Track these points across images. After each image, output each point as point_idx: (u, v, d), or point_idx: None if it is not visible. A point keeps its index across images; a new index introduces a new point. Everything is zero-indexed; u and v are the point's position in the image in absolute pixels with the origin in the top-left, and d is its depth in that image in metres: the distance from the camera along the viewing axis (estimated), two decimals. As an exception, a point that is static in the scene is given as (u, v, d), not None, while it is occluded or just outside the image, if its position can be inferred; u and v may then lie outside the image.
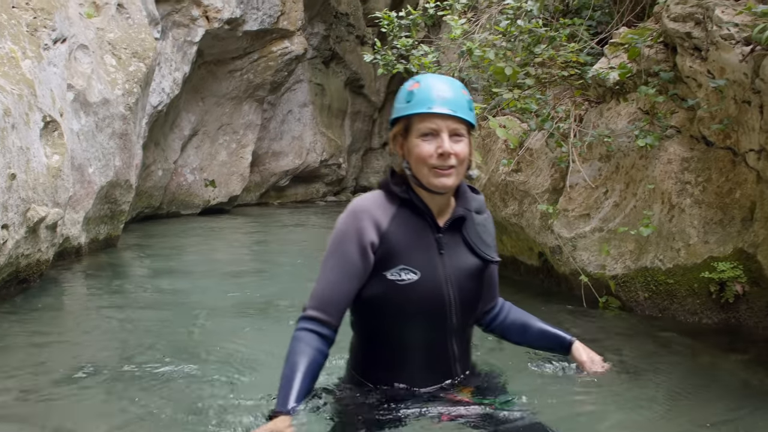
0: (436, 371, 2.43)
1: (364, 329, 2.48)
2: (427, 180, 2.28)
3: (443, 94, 2.27)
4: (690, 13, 4.70)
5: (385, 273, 2.30)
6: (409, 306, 2.31)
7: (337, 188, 18.83)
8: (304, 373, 2.21)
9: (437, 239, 2.35)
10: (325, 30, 17.59)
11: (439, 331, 2.38)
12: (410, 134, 2.31)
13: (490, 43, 5.42)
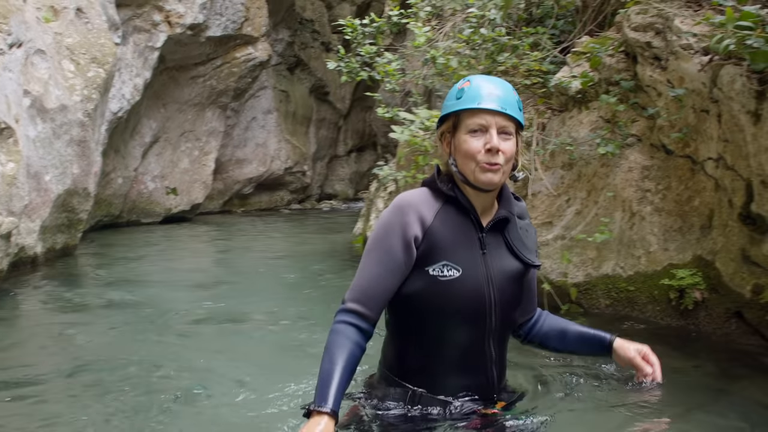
0: (473, 372, 2.41)
1: (401, 327, 2.46)
2: (473, 176, 2.30)
3: (493, 91, 2.32)
4: (650, 23, 4.80)
5: (427, 268, 2.31)
6: (450, 303, 2.31)
7: (302, 196, 18.77)
8: (344, 368, 2.20)
9: (480, 238, 2.37)
10: (290, 36, 17.56)
11: (478, 331, 2.37)
12: (459, 130, 2.34)
13: (454, 51, 5.46)
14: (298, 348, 4.53)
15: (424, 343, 2.38)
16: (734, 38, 3.81)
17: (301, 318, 5.43)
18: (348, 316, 2.29)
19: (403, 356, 2.46)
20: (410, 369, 2.42)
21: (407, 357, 2.44)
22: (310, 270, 7.87)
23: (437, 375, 2.39)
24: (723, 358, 4.02)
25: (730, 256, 4.30)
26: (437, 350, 2.37)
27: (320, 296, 6.40)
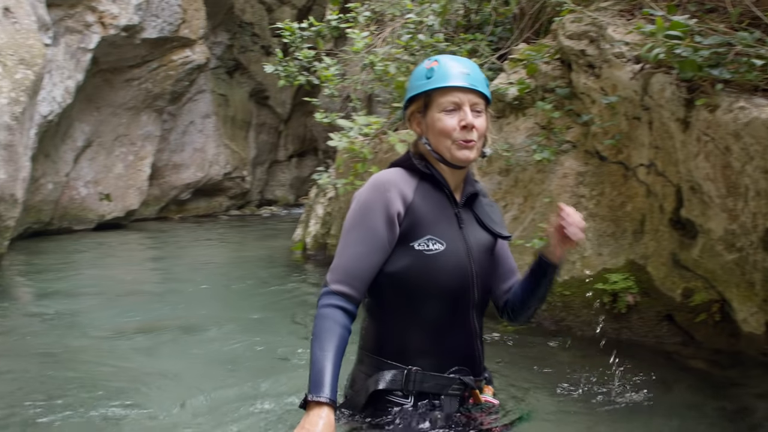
0: (461, 346, 2.41)
1: (387, 307, 2.41)
2: (450, 153, 2.32)
3: (463, 69, 2.33)
4: (584, 31, 4.92)
5: (413, 243, 2.30)
6: (437, 277, 2.31)
7: (242, 202, 18.57)
8: (336, 354, 2.16)
9: (456, 214, 2.39)
10: (229, 39, 17.39)
11: (463, 305, 2.38)
12: (430, 110, 2.35)
13: (392, 57, 5.49)
14: (232, 359, 4.49)
15: (413, 320, 2.37)
16: (664, 47, 3.94)
17: (238, 327, 5.37)
18: (333, 298, 2.25)
19: (391, 336, 2.41)
20: (401, 348, 2.38)
21: (397, 336, 2.40)
22: (248, 277, 7.79)
23: (429, 351, 2.37)
24: (654, 360, 4.14)
25: (661, 261, 4.43)
26: (426, 326, 2.37)
27: (258, 304, 6.34)
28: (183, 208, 16.89)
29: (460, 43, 5.89)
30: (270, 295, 6.76)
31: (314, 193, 8.93)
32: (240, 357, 4.54)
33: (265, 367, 4.28)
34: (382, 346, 2.42)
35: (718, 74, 3.78)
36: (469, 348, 2.42)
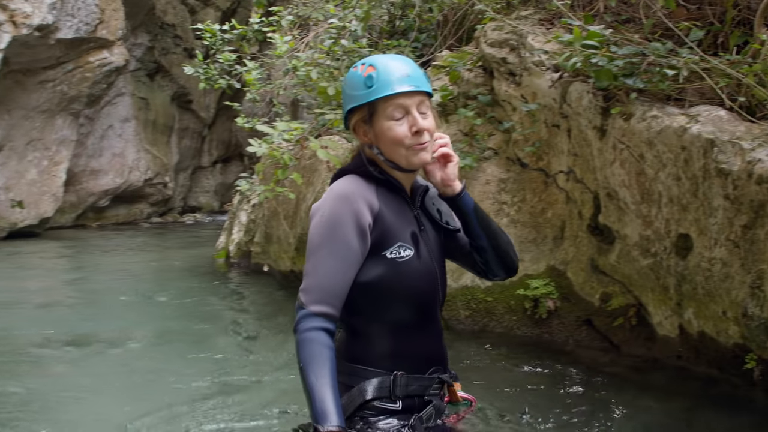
0: (434, 345, 2.43)
1: (360, 315, 2.36)
2: (406, 160, 2.27)
3: (403, 71, 2.28)
4: (505, 39, 5.01)
5: (384, 252, 2.27)
6: (409, 283, 2.30)
7: (164, 209, 18.16)
8: (332, 379, 2.11)
9: (416, 216, 2.38)
10: (150, 41, 17.02)
11: (433, 305, 2.39)
12: (377, 119, 2.29)
13: (315, 62, 5.48)
14: (154, 370, 4.40)
15: (390, 326, 2.35)
16: (581, 57, 4.05)
17: (158, 339, 5.27)
18: (314, 320, 2.18)
19: (370, 343, 2.38)
20: (382, 354, 2.36)
21: (375, 343, 2.37)
22: (169, 287, 7.62)
23: (408, 355, 2.37)
24: (574, 365, 4.24)
25: (580, 266, 4.55)
26: (403, 330, 2.36)
27: (179, 315, 6.22)
28: (101, 216, 16.42)
29: (384, 49, 5.92)
30: (191, 306, 6.63)
31: (237, 199, 8.82)
32: (161, 370, 4.46)
33: (188, 379, 4.21)
34: (361, 354, 2.39)
35: (632, 84, 3.91)
36: (439, 346, 2.46)
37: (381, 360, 2.35)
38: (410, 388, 2.34)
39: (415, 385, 2.36)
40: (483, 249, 2.49)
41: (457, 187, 2.41)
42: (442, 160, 2.36)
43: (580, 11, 4.73)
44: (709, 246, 3.60)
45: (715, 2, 4.19)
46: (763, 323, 3.36)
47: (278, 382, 4.22)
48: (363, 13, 5.41)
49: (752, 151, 3.29)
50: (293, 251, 6.84)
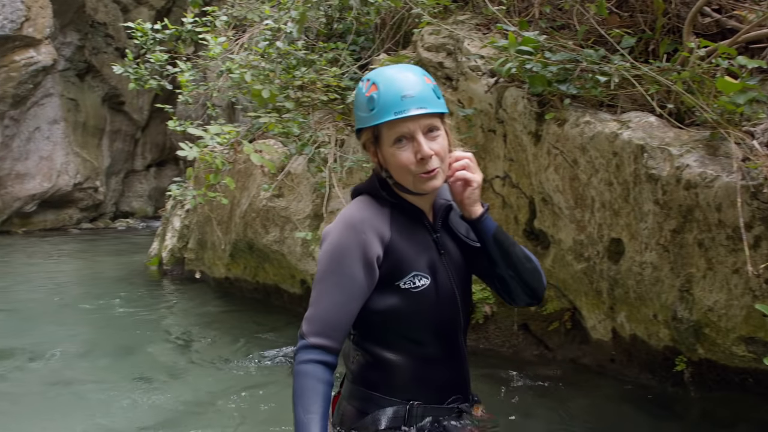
0: (454, 373, 2.34)
1: (378, 342, 2.29)
2: (414, 186, 2.17)
3: (407, 92, 2.13)
4: (442, 43, 5.07)
5: (398, 283, 2.18)
6: (426, 312, 2.21)
7: (94, 214, 17.75)
8: (322, 417, 2.04)
9: (435, 240, 2.28)
10: (80, 40, 16.64)
11: (453, 332, 2.30)
12: (382, 143, 2.17)
13: (249, 64, 5.44)
14: (80, 381, 4.30)
15: (407, 354, 2.28)
16: (516, 62, 4.12)
17: (83, 353, 5.15)
18: (312, 353, 2.12)
19: (387, 371, 2.31)
20: (399, 383, 2.30)
21: (392, 371, 2.30)
22: (98, 297, 7.45)
23: (426, 384, 2.30)
24: (511, 370, 4.30)
25: (516, 271, 4.61)
26: (421, 359, 2.28)
27: (108, 327, 6.10)
28: (28, 221, 15.95)
29: (322, 52, 5.92)
30: (121, 316, 6.51)
31: (171, 205, 8.68)
32: (86, 384, 4.37)
33: (117, 394, 4.15)
34: (377, 381, 2.33)
35: (565, 89, 4.00)
36: (461, 374, 2.37)
37: (397, 388, 2.29)
38: (426, 418, 2.28)
39: (432, 415, 2.29)
40: (502, 277, 2.37)
41: (475, 212, 2.28)
42: (462, 182, 2.23)
43: (516, 17, 4.81)
44: (640, 250, 3.70)
45: (647, 10, 4.32)
46: (692, 326, 3.47)
47: (212, 393, 4.18)
48: (299, 15, 5.39)
49: (680, 156, 3.40)
50: (228, 258, 6.77)
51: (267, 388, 4.25)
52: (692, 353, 3.59)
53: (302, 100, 5.56)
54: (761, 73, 3.55)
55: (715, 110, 3.34)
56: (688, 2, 4.13)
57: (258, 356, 4.88)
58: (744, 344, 3.35)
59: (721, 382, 3.59)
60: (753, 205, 2.98)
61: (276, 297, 6.46)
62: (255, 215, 6.01)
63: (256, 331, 5.58)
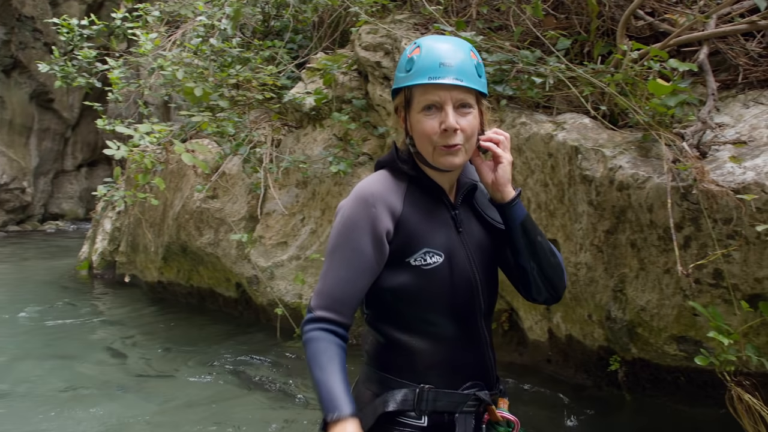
0: (472, 359, 2.25)
1: (389, 322, 2.22)
2: (432, 159, 2.12)
3: (447, 60, 2.10)
4: (380, 42, 5.07)
5: (408, 259, 2.13)
6: (438, 291, 2.15)
7: (21, 216, 17.26)
8: (340, 370, 1.99)
9: (453, 217, 2.21)
10: (6, 34, 16.18)
11: (471, 315, 2.22)
12: (412, 107, 2.14)
13: (182, 62, 5.35)
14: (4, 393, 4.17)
15: (421, 334, 2.20)
16: (453, 62, 4.14)
17: (9, 361, 5.01)
18: (319, 324, 2.05)
19: (399, 352, 2.24)
20: (410, 365, 2.22)
21: (404, 352, 2.23)
22: (25, 302, 7.22)
23: (440, 367, 2.22)
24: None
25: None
26: (435, 341, 2.21)
27: (36, 333, 5.92)
28: (-51, 224, 15.43)
29: (257, 50, 5.87)
30: (49, 322, 6.32)
31: (102, 206, 8.49)
32: (17, 394, 4.25)
33: (46, 405, 4.04)
34: (389, 363, 2.27)
35: (502, 90, 4.04)
36: (481, 360, 2.29)
37: (409, 371, 2.23)
38: (439, 403, 2.21)
39: (445, 401, 2.22)
40: (524, 269, 2.31)
41: (507, 195, 2.22)
42: (492, 159, 2.19)
43: (453, 17, 4.85)
44: (575, 251, 3.77)
45: (582, 12, 4.40)
46: (626, 326, 3.55)
47: (146, 397, 4.11)
48: (233, 11, 5.33)
49: (614, 158, 3.47)
50: (160, 261, 6.65)
51: (208, 403, 4.17)
52: (626, 353, 3.67)
53: (237, 98, 5.50)
54: (692, 76, 3.65)
55: (646, 112, 3.42)
56: (622, 5, 4.23)
57: (196, 367, 4.78)
58: (676, 343, 3.44)
59: (654, 381, 3.68)
60: (683, 205, 3.07)
61: (211, 301, 6.37)
62: (188, 217, 5.92)
63: (191, 339, 5.48)
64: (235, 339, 5.25)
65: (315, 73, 5.53)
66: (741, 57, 3.62)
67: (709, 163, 3.03)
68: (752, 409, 2.82)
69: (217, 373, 4.61)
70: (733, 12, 3.68)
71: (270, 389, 4.27)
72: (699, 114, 3.24)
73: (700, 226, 2.95)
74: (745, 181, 2.76)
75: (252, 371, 4.56)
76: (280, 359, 4.70)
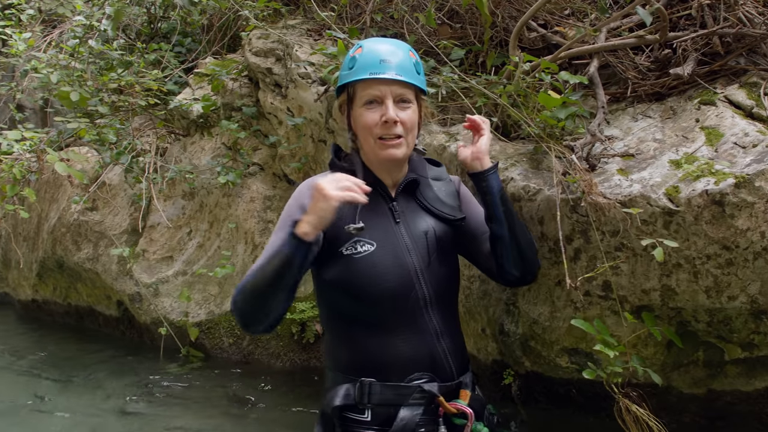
0: (418, 351, 2.32)
1: (332, 317, 2.36)
2: (374, 152, 2.30)
3: (387, 57, 2.29)
4: (271, 48, 5.02)
5: (341, 249, 2.28)
6: (371, 280, 2.25)
7: None
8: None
9: (391, 208, 2.36)
10: None
11: (410, 305, 2.31)
12: (354, 103, 2.33)
13: (57, 64, 5.15)
14: None
15: (359, 328, 2.31)
16: (346, 70, 4.14)
17: None
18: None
19: (342, 347, 2.36)
20: (352, 359, 2.32)
21: (346, 347, 2.34)
22: None
23: (380, 360, 2.29)
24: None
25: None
26: (374, 333, 2.30)
27: None
28: None
29: (142, 53, 5.71)
30: None
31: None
32: None
33: None
34: (336, 359, 2.38)
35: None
36: (428, 351, 2.35)
37: (351, 365, 2.33)
38: (382, 397, 2.28)
39: (389, 394, 2.29)
40: (502, 238, 2.49)
41: (487, 163, 2.49)
42: (473, 131, 2.49)
43: (348, 23, 4.85)
44: (468, 264, 3.81)
45: (476, 23, 4.49)
46: (518, 339, 3.62)
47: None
48: (114, 11, 5.17)
49: (506, 170, 3.54)
50: (35, 277, 6.35)
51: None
52: (519, 366, 3.73)
53: (119, 104, 5.33)
54: (584, 89, 3.77)
55: (538, 124, 3.51)
56: (515, 16, 4.33)
57: (66, 396, 4.49)
58: (567, 356, 3.53)
59: (547, 394, 3.76)
60: (572, 218, 3.15)
61: (90, 320, 6.13)
62: (65, 230, 5.68)
63: (65, 363, 5.17)
64: (114, 362, 5.04)
65: (203, 79, 5.43)
66: (630, 71, 3.77)
67: (598, 175, 3.13)
68: (640, 419, 2.92)
69: (90, 404, 4.35)
70: (623, 26, 3.83)
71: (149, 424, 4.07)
72: (589, 127, 3.34)
73: (589, 239, 3.04)
74: (632, 193, 2.86)
75: (131, 404, 4.33)
76: (161, 387, 4.53)
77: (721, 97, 3.23)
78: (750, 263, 2.64)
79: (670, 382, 3.14)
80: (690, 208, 2.69)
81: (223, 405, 4.13)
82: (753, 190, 2.58)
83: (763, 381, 2.95)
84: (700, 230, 2.68)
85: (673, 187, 2.78)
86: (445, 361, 2.40)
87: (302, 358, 4.72)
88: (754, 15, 3.40)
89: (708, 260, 2.71)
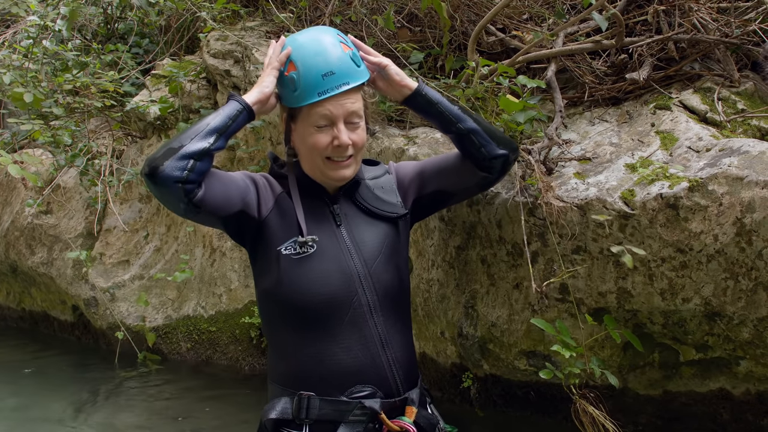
0: (360, 362, 2.19)
1: (272, 328, 2.28)
2: (321, 171, 2.23)
3: (326, 67, 2.17)
4: (230, 50, 4.97)
5: (280, 248, 2.20)
6: (310, 284, 2.17)
7: None
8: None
9: (332, 211, 2.29)
10: None
11: (353, 312, 2.20)
12: (299, 121, 2.25)
13: (11, 65, 5.03)
14: None
15: (297, 337, 2.20)
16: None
17: None
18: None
19: (280, 359, 2.25)
20: (290, 371, 2.21)
21: (285, 358, 2.24)
22: None
23: (319, 372, 2.17)
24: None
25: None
26: (312, 342, 2.19)
27: None
28: None
29: (97, 54, 5.60)
30: None
31: None
32: None
33: None
34: (276, 371, 2.28)
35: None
36: (371, 362, 2.21)
37: (289, 377, 2.22)
38: (322, 412, 2.16)
39: (328, 409, 2.16)
40: (473, 131, 2.42)
41: (411, 85, 2.36)
42: (377, 69, 2.33)
43: (307, 25, 4.82)
44: (427, 267, 3.81)
45: (435, 26, 4.48)
46: (477, 342, 3.62)
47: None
48: (69, 11, 5.07)
49: (465, 173, 3.54)
50: (-11, 284, 6.23)
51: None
52: (478, 369, 3.74)
53: (74, 106, 5.22)
54: (542, 93, 3.78)
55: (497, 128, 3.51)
56: (474, 20, 4.34)
57: (15, 411, 4.34)
58: (525, 358, 3.53)
59: (505, 397, 3.77)
60: (530, 221, 3.16)
61: (45, 325, 6.01)
62: (19, 234, 5.56)
63: (17, 372, 5.00)
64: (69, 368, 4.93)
65: (160, 81, 5.35)
66: (587, 75, 3.79)
67: (555, 179, 3.14)
68: (597, 421, 2.93)
69: (43, 409, 4.22)
70: (581, 31, 3.85)
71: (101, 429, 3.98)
72: (546, 130, 3.35)
73: (547, 242, 3.05)
74: (588, 197, 2.87)
75: (85, 409, 4.22)
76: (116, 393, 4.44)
77: (676, 102, 3.26)
78: (704, 266, 2.66)
79: (627, 384, 3.16)
80: (645, 211, 2.70)
81: (170, 411, 4.06)
82: (706, 193, 2.60)
83: (717, 382, 2.99)
84: (655, 233, 2.70)
85: (629, 190, 2.79)
86: (389, 373, 2.25)
87: (261, 363, 4.67)
88: (708, 21, 3.44)
89: (663, 263, 2.73)
